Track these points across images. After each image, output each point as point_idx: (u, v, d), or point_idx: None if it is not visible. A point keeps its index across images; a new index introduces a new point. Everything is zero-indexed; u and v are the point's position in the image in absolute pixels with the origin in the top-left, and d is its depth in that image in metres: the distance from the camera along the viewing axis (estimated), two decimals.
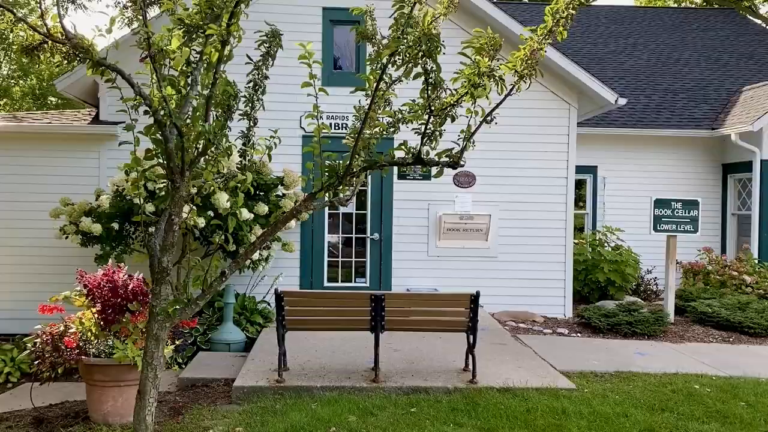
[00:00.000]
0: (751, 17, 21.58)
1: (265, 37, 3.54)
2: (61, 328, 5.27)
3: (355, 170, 3.18)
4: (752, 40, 16.50)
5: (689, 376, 6.44)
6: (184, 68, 3.40)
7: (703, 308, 9.17)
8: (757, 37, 16.77)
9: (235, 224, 3.14)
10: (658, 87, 13.83)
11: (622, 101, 9.64)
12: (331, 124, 9.11)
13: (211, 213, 6.80)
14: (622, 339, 8.25)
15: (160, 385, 5.94)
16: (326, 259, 9.38)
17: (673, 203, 9.20)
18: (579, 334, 8.51)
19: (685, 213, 9.19)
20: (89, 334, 5.22)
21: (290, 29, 8.96)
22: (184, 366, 6.88)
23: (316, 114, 3.28)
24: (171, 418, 5.23)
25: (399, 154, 3.54)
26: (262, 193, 7.76)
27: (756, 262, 10.99)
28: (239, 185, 3.37)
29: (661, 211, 9.18)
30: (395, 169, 9.19)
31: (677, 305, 9.55)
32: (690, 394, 5.83)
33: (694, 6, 26.53)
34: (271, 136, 4.17)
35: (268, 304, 8.42)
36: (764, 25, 23.94)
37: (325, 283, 9.36)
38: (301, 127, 9.01)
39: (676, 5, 28.36)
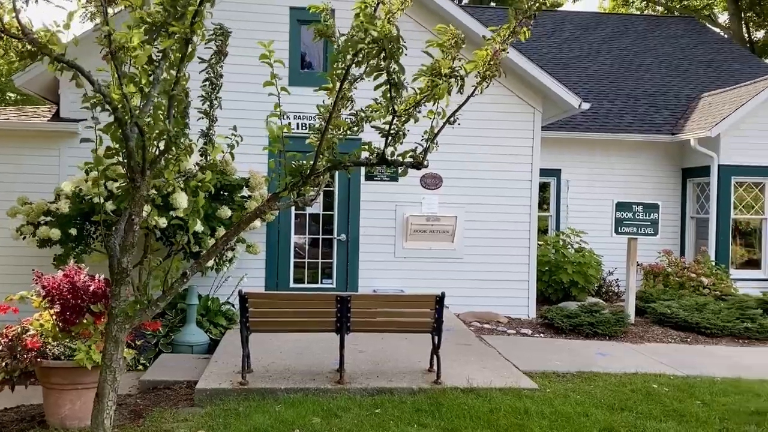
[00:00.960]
0: (710, 26, 22.19)
1: (213, 36, 3.50)
2: (18, 330, 5.13)
3: (319, 170, 3.18)
4: (711, 48, 16.96)
5: (648, 376, 6.58)
6: (146, 66, 3.35)
7: (663, 309, 9.39)
8: (716, 45, 17.25)
9: (197, 225, 3.09)
10: (621, 92, 14.12)
11: (586, 106, 9.81)
12: (298, 124, 9.07)
13: (172, 213, 6.71)
14: (584, 339, 8.39)
15: (121, 388, 5.85)
16: (292, 260, 9.33)
17: (634, 206, 9.40)
18: (542, 335, 8.62)
19: (645, 216, 9.40)
20: (47, 336, 5.10)
21: (258, 28, 8.99)
22: (147, 367, 6.77)
23: (278, 113, 3.26)
24: (131, 421, 5.14)
25: (364, 154, 3.55)
26: (226, 194, 7.69)
27: (713, 264, 11.30)
28: (200, 185, 3.33)
29: (622, 214, 9.37)
30: (362, 170, 9.20)
31: (638, 306, 9.76)
32: (648, 393, 5.96)
33: (655, 14, 27.14)
34: (232, 134, 4.13)
35: (233, 306, 8.34)
36: (722, 33, 24.64)
37: (291, 285, 9.31)
38: (268, 127, 8.95)
39: (638, 12, 28.99)
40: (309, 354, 6.75)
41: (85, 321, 5.08)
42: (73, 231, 7.19)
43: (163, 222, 6.62)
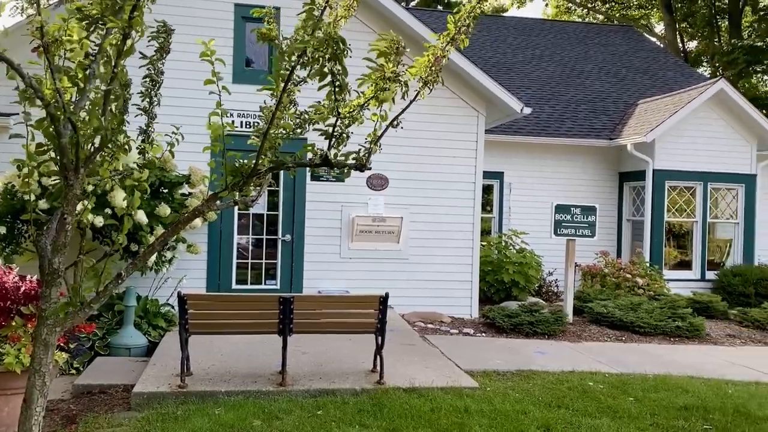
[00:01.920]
0: (647, 35, 23.04)
1: (156, 33, 3.42)
2: None
3: (261, 171, 3.14)
4: (647, 56, 17.62)
5: (584, 374, 6.78)
6: (82, 60, 3.24)
7: (599, 309, 9.69)
8: (652, 54, 17.93)
9: (131, 224, 3.00)
10: (562, 98, 14.51)
11: (527, 110, 10.04)
12: (242, 122, 8.95)
13: (108, 211, 6.52)
14: (524, 338, 8.58)
15: (54, 393, 5.64)
16: (235, 260, 9.20)
17: (572, 209, 9.68)
18: (484, 334, 8.77)
19: (583, 218, 9.69)
20: None
21: (202, 24, 8.83)
22: (82, 371, 6.54)
23: (219, 112, 3.21)
24: (64, 427, 4.96)
25: (308, 155, 3.53)
26: (166, 191, 7.52)
27: (648, 265, 11.74)
28: (137, 184, 3.24)
29: (561, 216, 9.63)
30: (308, 170, 9.15)
31: (576, 306, 10.05)
32: (584, 391, 6.14)
33: (596, 22, 27.99)
34: (173, 132, 4.05)
35: (172, 307, 8.15)
36: (659, 43, 25.62)
37: (234, 286, 9.17)
38: (209, 125, 8.80)
39: (580, 20, 29.84)
40: (251, 356, 6.67)
41: (14, 323, 4.87)
42: (2, 229, 6.90)
43: (99, 221, 6.42)
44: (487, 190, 12.43)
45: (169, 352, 6.71)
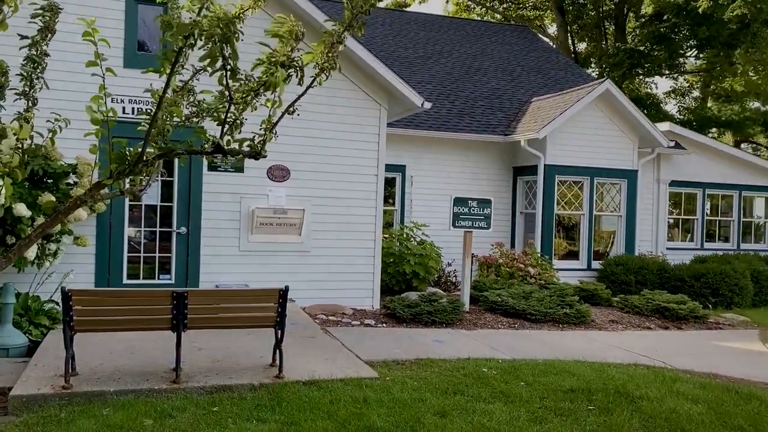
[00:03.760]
0: (541, 36, 24.09)
1: (41, 10, 3.18)
2: None
3: (148, 158, 2.99)
4: (541, 56, 18.42)
5: (479, 361, 7.01)
6: None
7: (494, 297, 10.06)
8: (545, 54, 18.77)
9: (10, 217, 2.76)
10: (461, 94, 14.89)
11: (428, 105, 10.21)
12: (134, 108, 8.51)
13: None
14: (424, 328, 8.76)
15: None
16: (126, 254, 8.76)
17: (469, 202, 9.98)
18: (385, 325, 8.87)
19: (479, 211, 10.01)
20: None
21: (91, 4, 8.29)
22: None
23: (102, 95, 3.03)
24: None
25: (200, 142, 3.40)
26: (50, 181, 7.04)
27: (539, 255, 12.30)
28: (8, 170, 2.99)
29: (459, 209, 9.90)
30: (204, 159, 8.84)
31: (472, 295, 10.38)
32: (479, 377, 6.35)
33: (494, 21, 28.95)
34: (55, 119, 3.78)
35: (57, 304, 7.65)
36: (551, 43, 26.87)
37: (125, 281, 8.74)
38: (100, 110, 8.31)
39: (479, 18, 30.75)
40: (143, 353, 6.38)
41: None
42: None
43: None
44: (389, 183, 12.56)
45: (52, 352, 6.29)
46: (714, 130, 28.50)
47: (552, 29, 33.10)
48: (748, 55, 25.12)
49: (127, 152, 3.00)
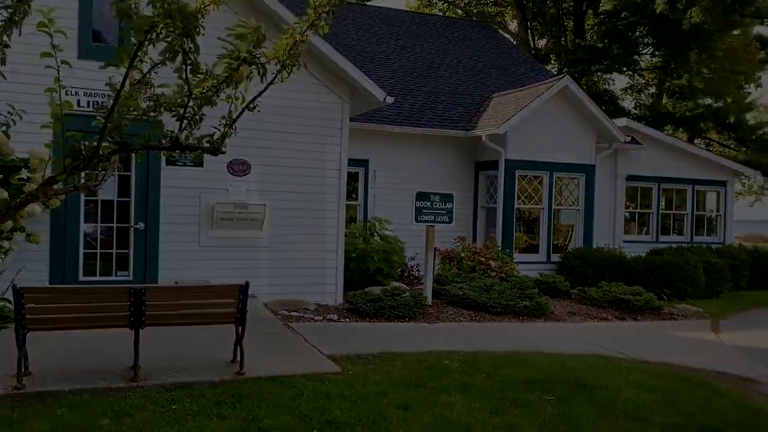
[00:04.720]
0: (502, 32, 24.34)
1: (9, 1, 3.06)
2: None
3: (103, 153, 2.93)
4: (501, 53, 18.60)
5: (441, 354, 7.08)
6: None
7: (456, 291, 10.16)
8: (506, 50, 18.96)
9: None
10: (423, 89, 14.95)
11: (390, 100, 10.22)
12: (89, 102, 8.31)
13: None
14: (387, 322, 8.80)
15: None
16: (82, 250, 8.55)
17: (432, 196, 10.06)
18: (348, 319, 8.88)
19: (442, 205, 10.10)
20: None
21: None
22: None
23: (58, 88, 2.95)
24: None
25: (157, 137, 3.33)
26: (1, 176, 6.82)
27: (500, 249, 12.47)
28: None
29: (422, 204, 9.97)
30: (162, 154, 8.69)
31: (435, 289, 10.46)
32: (441, 369, 6.42)
33: (455, 17, 29.12)
34: (9, 112, 3.67)
35: (9, 302, 7.41)
36: (512, 40, 27.17)
37: (81, 278, 8.54)
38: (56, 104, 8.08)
39: (441, 14, 30.88)
40: (99, 352, 6.25)
41: None
42: None
43: None
44: (353, 177, 12.53)
45: (3, 352, 6.11)
46: (669, 126, 29.24)
47: (513, 26, 33.48)
48: (702, 57, 25.89)
49: (82, 146, 2.92)
